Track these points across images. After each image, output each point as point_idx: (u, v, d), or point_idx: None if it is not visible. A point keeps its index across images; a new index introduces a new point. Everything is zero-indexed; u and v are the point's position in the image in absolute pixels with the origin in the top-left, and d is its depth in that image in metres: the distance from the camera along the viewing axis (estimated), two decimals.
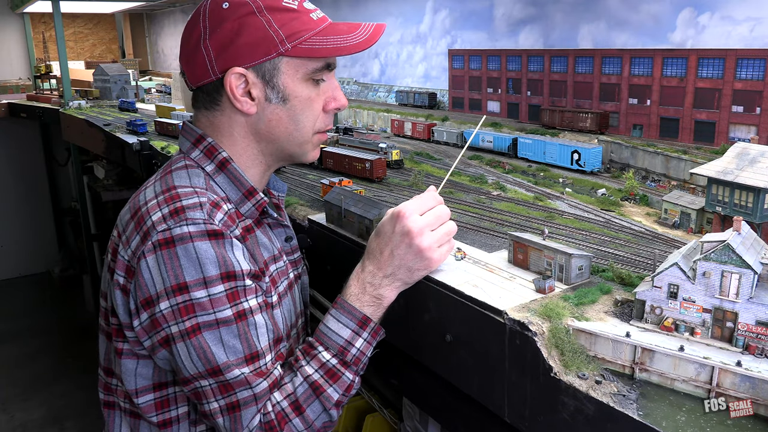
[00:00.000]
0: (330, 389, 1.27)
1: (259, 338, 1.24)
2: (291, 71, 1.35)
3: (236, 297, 1.21)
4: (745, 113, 2.76)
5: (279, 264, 1.45)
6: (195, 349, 1.18)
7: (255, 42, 1.31)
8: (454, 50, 4.54)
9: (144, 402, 1.33)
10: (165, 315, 1.19)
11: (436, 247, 1.35)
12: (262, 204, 1.40)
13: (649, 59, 3.14)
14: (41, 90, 7.71)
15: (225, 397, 1.20)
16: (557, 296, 1.52)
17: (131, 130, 4.69)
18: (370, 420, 2.77)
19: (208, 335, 1.18)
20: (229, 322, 1.19)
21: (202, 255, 1.18)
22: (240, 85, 1.34)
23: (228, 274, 1.20)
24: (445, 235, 1.38)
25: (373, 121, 4.87)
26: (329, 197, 2.18)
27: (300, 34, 1.33)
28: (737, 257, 1.26)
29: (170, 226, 1.20)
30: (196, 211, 1.23)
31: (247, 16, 1.31)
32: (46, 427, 5.45)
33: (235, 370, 1.19)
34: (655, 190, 2.67)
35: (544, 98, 3.82)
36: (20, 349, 6.79)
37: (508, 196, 2.64)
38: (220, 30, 1.32)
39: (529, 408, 1.41)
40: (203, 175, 1.36)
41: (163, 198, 1.26)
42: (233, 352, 1.19)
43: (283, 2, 1.35)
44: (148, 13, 10.22)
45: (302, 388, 1.26)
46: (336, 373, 1.29)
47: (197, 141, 1.40)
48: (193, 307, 1.17)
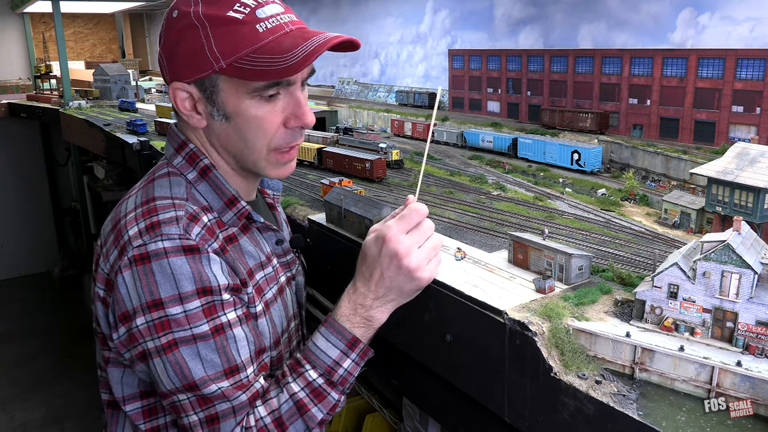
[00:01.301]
0: (314, 408, 1.26)
1: (239, 351, 1.23)
2: (231, 89, 1.26)
3: (213, 311, 1.20)
4: (745, 113, 2.76)
5: (267, 270, 1.43)
6: (171, 364, 1.17)
7: (192, 57, 1.24)
8: (454, 50, 4.54)
9: (132, 410, 1.33)
10: (141, 331, 1.18)
11: (425, 264, 1.30)
12: (244, 213, 1.37)
13: (649, 59, 3.14)
14: (41, 90, 7.71)
15: (204, 410, 1.20)
16: (557, 296, 1.52)
17: (131, 130, 4.69)
18: (370, 420, 2.77)
19: (185, 351, 1.17)
20: (206, 336, 1.19)
21: (177, 271, 1.18)
22: (185, 100, 1.29)
23: (204, 289, 1.19)
24: (431, 251, 1.32)
25: (373, 121, 4.87)
26: (329, 197, 2.18)
27: (237, 50, 1.22)
28: (737, 257, 1.26)
29: (146, 241, 1.19)
30: (172, 227, 1.21)
31: (188, 29, 1.24)
32: (46, 427, 5.45)
33: (212, 386, 1.19)
34: (655, 190, 2.67)
35: (544, 98, 3.82)
36: (20, 349, 6.78)
37: (508, 196, 2.64)
38: (169, 41, 1.28)
39: (529, 408, 1.41)
40: (185, 183, 1.33)
41: (141, 211, 1.25)
42: (212, 367, 1.19)
43: (231, 10, 1.23)
44: (148, 13, 10.22)
45: (287, 405, 1.25)
46: (322, 393, 1.27)
47: (180, 147, 1.37)
48: (169, 323, 1.17)
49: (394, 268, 1.27)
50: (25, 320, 7.51)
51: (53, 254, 9.06)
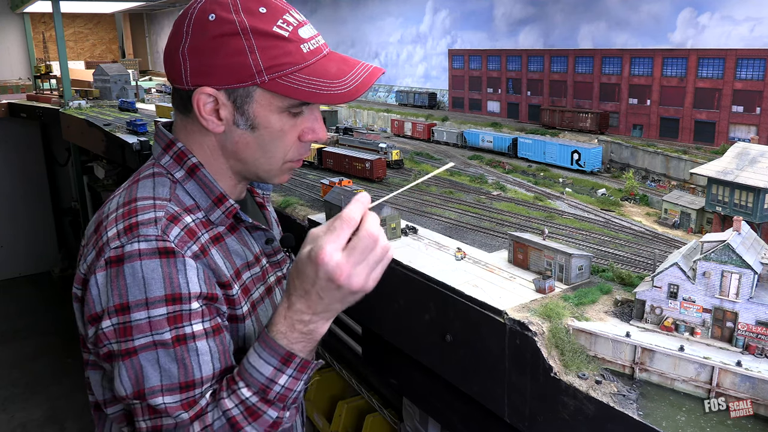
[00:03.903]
0: (248, 427, 1.20)
1: (201, 366, 1.20)
2: (265, 102, 1.27)
3: (178, 321, 1.18)
4: (745, 113, 2.76)
5: (254, 270, 1.42)
6: (128, 370, 1.16)
7: (232, 66, 1.23)
8: (454, 50, 4.54)
9: (113, 412, 1.33)
10: (106, 333, 1.17)
11: (369, 277, 1.19)
12: (232, 211, 1.35)
13: (649, 59, 3.14)
14: (41, 90, 7.71)
15: (151, 419, 1.19)
16: (557, 296, 1.52)
17: (131, 130, 4.69)
18: (370, 420, 2.77)
19: (144, 357, 1.16)
20: (167, 345, 1.17)
21: (148, 275, 1.16)
22: (208, 104, 1.27)
23: (173, 296, 1.17)
24: (375, 262, 1.20)
25: (373, 121, 4.87)
26: (329, 197, 2.18)
27: (282, 67, 1.22)
28: (737, 257, 1.26)
29: (123, 243, 1.18)
30: (150, 227, 1.20)
31: (230, 36, 1.22)
32: (46, 427, 5.45)
33: (158, 398, 1.17)
34: (655, 190, 2.67)
35: (544, 98, 3.82)
36: (20, 349, 6.79)
37: (508, 196, 2.64)
38: (200, 42, 1.25)
39: (529, 408, 1.41)
40: (169, 183, 1.32)
41: (121, 212, 1.24)
42: (168, 377, 1.17)
43: (275, 26, 1.23)
44: (148, 13, 10.23)
45: (219, 422, 1.20)
46: (256, 412, 1.21)
47: (167, 146, 1.36)
48: (131, 330, 1.16)
49: (333, 290, 1.17)
50: (25, 320, 7.51)
51: (53, 254, 9.06)
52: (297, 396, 1.27)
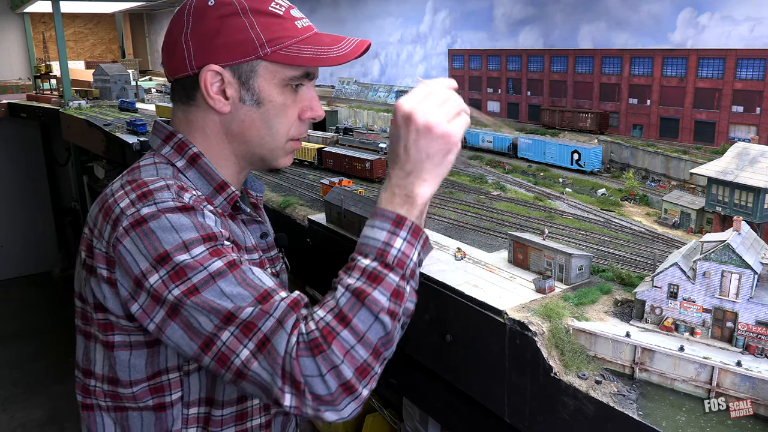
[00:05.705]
0: (375, 292, 1.15)
1: (262, 280, 1.18)
2: (268, 75, 1.35)
3: (220, 253, 1.18)
4: (745, 113, 2.76)
5: (253, 256, 1.44)
6: (200, 306, 1.13)
7: (235, 42, 1.31)
8: (454, 50, 4.54)
9: (138, 389, 1.33)
10: (157, 288, 1.15)
11: (446, 121, 1.27)
12: (233, 197, 1.40)
13: (649, 59, 3.14)
14: (41, 90, 7.70)
15: (251, 338, 1.12)
16: (557, 296, 1.53)
17: (131, 130, 4.69)
18: (370, 420, 2.77)
19: (208, 293, 1.13)
20: (223, 273, 1.15)
21: (176, 223, 1.17)
22: (215, 83, 1.34)
23: (208, 236, 1.18)
24: (452, 108, 1.32)
25: (373, 121, 4.87)
26: (329, 197, 2.18)
27: (281, 40, 1.33)
28: (737, 257, 1.26)
29: (139, 208, 1.20)
30: (164, 192, 1.22)
31: (231, 16, 1.31)
32: (46, 427, 5.44)
33: (248, 308, 1.13)
34: (655, 190, 2.67)
35: (544, 98, 3.82)
36: (20, 349, 6.78)
37: (508, 196, 2.64)
38: (202, 26, 1.32)
39: (529, 408, 1.42)
40: (172, 169, 1.35)
41: (130, 187, 1.26)
42: (241, 299, 1.14)
43: (270, 6, 1.34)
44: (148, 13, 10.22)
45: (344, 298, 1.15)
46: (378, 275, 1.17)
47: (167, 138, 1.40)
48: (183, 270, 1.14)
49: (413, 132, 1.24)
50: (25, 320, 7.51)
51: (53, 254, 9.06)
52: (414, 269, 1.25)
